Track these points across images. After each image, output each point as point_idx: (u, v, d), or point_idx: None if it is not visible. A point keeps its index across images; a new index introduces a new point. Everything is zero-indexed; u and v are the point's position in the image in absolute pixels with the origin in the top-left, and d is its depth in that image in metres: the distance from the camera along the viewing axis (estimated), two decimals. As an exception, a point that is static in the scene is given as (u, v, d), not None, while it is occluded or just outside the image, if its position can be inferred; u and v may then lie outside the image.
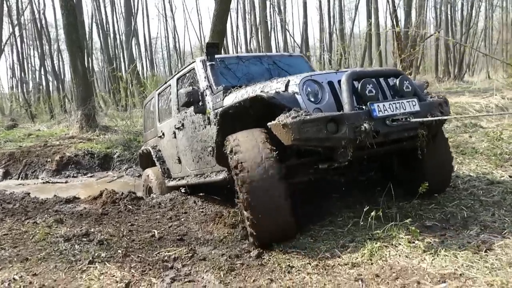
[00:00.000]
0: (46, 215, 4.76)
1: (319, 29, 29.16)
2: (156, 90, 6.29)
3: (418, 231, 3.15)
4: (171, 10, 31.62)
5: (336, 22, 27.04)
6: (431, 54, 27.79)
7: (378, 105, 3.13)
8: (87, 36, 26.21)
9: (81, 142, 11.13)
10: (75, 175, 9.56)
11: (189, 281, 2.89)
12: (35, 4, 27.10)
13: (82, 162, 9.98)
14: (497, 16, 31.75)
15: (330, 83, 3.33)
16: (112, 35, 28.60)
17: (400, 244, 3.03)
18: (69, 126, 15.23)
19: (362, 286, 2.56)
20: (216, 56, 4.67)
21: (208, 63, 4.51)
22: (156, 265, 3.19)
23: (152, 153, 6.03)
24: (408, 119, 3.17)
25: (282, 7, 27.95)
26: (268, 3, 23.61)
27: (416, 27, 17.21)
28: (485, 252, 2.78)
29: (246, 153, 3.14)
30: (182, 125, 4.98)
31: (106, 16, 28.88)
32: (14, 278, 3.10)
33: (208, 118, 4.32)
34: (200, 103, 4.35)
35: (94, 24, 29.30)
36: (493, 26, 32.50)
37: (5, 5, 24.08)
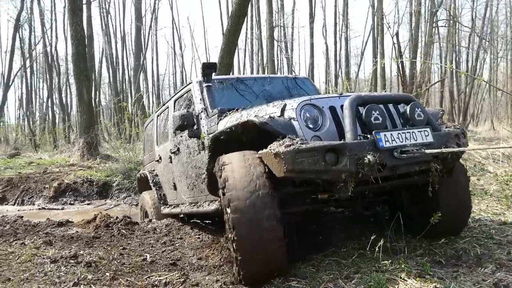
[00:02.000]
0: (35, 237, 4.54)
1: (325, 71, 29.67)
2: (156, 112, 6.12)
3: (429, 265, 2.94)
4: (180, 48, 32.29)
5: (342, 66, 27.52)
6: (435, 103, 28.02)
7: (385, 135, 2.76)
8: (96, 69, 26.73)
9: (81, 169, 10.98)
10: (72, 202, 9.34)
11: (179, 308, 2.66)
12: (47, 37, 27.84)
13: (80, 190, 9.79)
14: (502, 68, 32.29)
15: (332, 109, 2.99)
16: (121, 69, 29.18)
17: (409, 278, 2.80)
18: (71, 155, 15.18)
19: (369, 319, 2.32)
20: (215, 77, 4.44)
21: (204, 85, 4.23)
22: (146, 289, 2.97)
23: (149, 178, 5.81)
24: (420, 151, 2.75)
25: (289, 48, 28.57)
26: (275, 43, 24.13)
27: (422, 73, 17.46)
28: (502, 290, 2.56)
29: (237, 178, 2.79)
30: (178, 149, 4.74)
31: (116, 51, 29.59)
32: (-9, 297, 2.88)
33: (203, 143, 4.04)
34: (195, 127, 4.06)
35: (104, 58, 29.97)
36: (497, 78, 32.96)
37: (17, 37, 24.78)
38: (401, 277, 2.81)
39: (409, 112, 2.99)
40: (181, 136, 4.59)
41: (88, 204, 9.23)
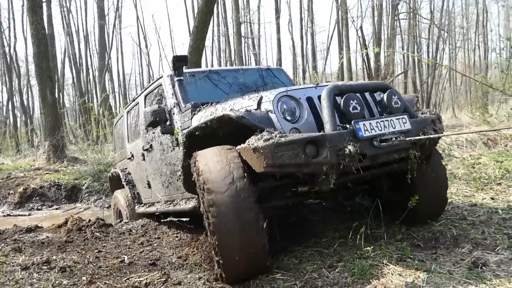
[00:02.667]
0: (2, 244, 4.32)
1: (292, 66, 29.83)
2: (125, 108, 5.90)
3: (409, 249, 2.98)
4: (146, 47, 31.62)
5: (309, 60, 27.74)
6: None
7: (364, 124, 2.71)
8: (59, 70, 25.80)
9: (47, 173, 10.57)
10: (39, 207, 8.97)
11: (163, 307, 2.58)
12: (5, 37, 26.60)
13: (47, 194, 9.42)
14: (460, 58, 33.46)
15: (309, 99, 2.92)
16: (84, 70, 28.25)
17: (391, 262, 2.84)
18: (36, 158, 14.60)
19: (355, 306, 2.33)
20: (186, 70, 4.27)
21: (175, 79, 4.06)
22: (126, 291, 2.87)
23: (121, 176, 5.59)
24: (399, 139, 2.75)
25: (256, 44, 28.54)
26: (243, 39, 24.05)
27: (386, 65, 17.85)
28: (480, 268, 2.63)
29: (214, 173, 2.69)
30: (151, 146, 4.57)
31: (80, 51, 28.61)
32: (-42, 309, 2.70)
33: (177, 139, 3.90)
34: (168, 123, 3.89)
35: (66, 59, 28.95)
36: (456, 68, 34.14)
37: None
38: (383, 263, 2.84)
39: (386, 100, 2.97)
40: (154, 133, 4.44)
41: (56, 208, 8.90)
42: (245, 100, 3.06)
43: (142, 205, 5.24)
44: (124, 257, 3.59)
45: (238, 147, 2.73)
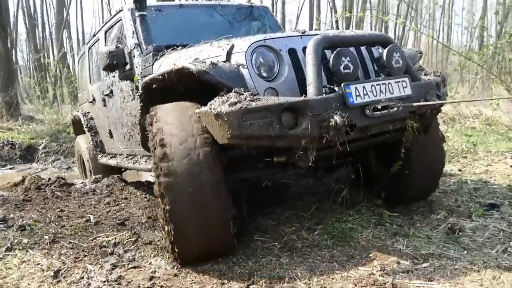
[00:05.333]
0: (-49, 201, 3.98)
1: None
2: (87, 44, 5.23)
3: (387, 214, 2.97)
4: (108, 4, 29.98)
5: (279, 31, 27.37)
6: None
7: (356, 88, 2.24)
8: (11, 24, 24.04)
9: (0, 131, 9.93)
10: (-9, 167, 8.43)
11: (134, 267, 2.44)
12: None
13: (0, 153, 8.85)
14: (424, 39, 34.14)
15: (292, 52, 2.42)
16: (40, 25, 26.48)
17: (369, 226, 2.82)
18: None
19: (337, 267, 2.28)
20: (150, 3, 3.57)
21: (137, 14, 3.36)
22: (93, 251, 2.69)
23: (83, 121, 5.10)
24: (396, 107, 2.32)
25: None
26: None
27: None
28: (457, 234, 2.65)
29: (172, 134, 2.27)
30: (111, 91, 4.04)
31: (35, 4, 26.75)
32: None
33: (137, 87, 3.32)
34: (127, 67, 3.34)
35: (20, 11, 26.97)
36: (420, 48, 34.88)
37: None
38: (362, 226, 2.82)
39: (385, 57, 2.44)
40: (114, 77, 3.88)
41: (10, 168, 8.38)
42: (213, 48, 2.56)
43: (105, 154, 4.88)
44: (89, 217, 3.37)
45: (197, 110, 2.24)
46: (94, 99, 4.82)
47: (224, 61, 2.36)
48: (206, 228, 2.25)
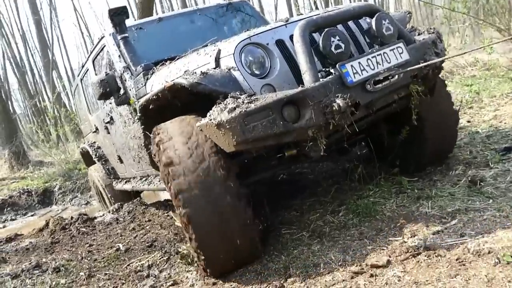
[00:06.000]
0: (-16, 259, 4.06)
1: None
2: (78, 76, 5.19)
3: (406, 180, 2.98)
4: (89, 35, 30.06)
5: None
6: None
7: (352, 65, 2.18)
8: (0, 76, 24.30)
9: (14, 182, 10.06)
10: (13, 217, 8.54)
11: (173, 284, 2.48)
12: None
13: (18, 203, 8.97)
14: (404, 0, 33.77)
15: (280, 43, 2.37)
16: (29, 71, 26.68)
17: (391, 196, 2.83)
18: (-4, 170, 13.88)
19: (368, 242, 2.30)
20: (130, 24, 3.52)
21: (119, 37, 3.32)
22: (129, 277, 2.75)
23: (91, 152, 5.08)
24: (396, 75, 2.27)
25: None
26: None
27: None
28: (479, 185, 2.65)
29: (178, 150, 2.22)
30: (111, 118, 4.02)
31: (19, 52, 26.92)
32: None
33: (135, 110, 3.23)
34: (122, 91, 3.30)
35: (7, 62, 27.20)
36: (402, 8, 34.49)
37: None
38: (384, 198, 2.83)
39: (375, 27, 2.35)
40: (111, 103, 3.84)
41: (32, 215, 8.50)
42: (201, 57, 2.51)
43: (119, 180, 4.87)
44: (119, 245, 3.43)
45: (198, 124, 2.17)
46: (97, 129, 4.82)
47: (214, 68, 2.31)
48: (228, 238, 2.21)
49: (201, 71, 2.22)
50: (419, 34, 2.72)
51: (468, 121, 4.60)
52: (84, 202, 8.29)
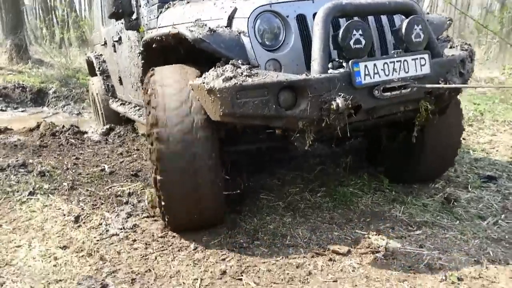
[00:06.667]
0: (-28, 144, 4.17)
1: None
2: None
3: (387, 180, 3.11)
4: None
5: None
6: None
7: (366, 66, 2.04)
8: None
9: (10, 73, 9.98)
10: (3, 108, 8.55)
11: (148, 217, 2.63)
12: None
13: (11, 95, 8.96)
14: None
15: (301, 18, 2.21)
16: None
17: (369, 192, 2.97)
18: (-5, 56, 13.70)
19: (336, 228, 2.46)
20: None
21: None
22: (109, 199, 2.89)
23: (95, 64, 4.99)
24: (409, 87, 2.12)
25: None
26: None
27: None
28: (452, 204, 2.80)
29: (167, 98, 2.16)
30: (120, 38, 3.89)
31: None
32: None
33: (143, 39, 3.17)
34: (134, 16, 3.15)
35: None
36: (438, 4, 33.61)
37: None
38: (363, 191, 2.97)
39: (404, 30, 2.16)
40: (122, 23, 3.66)
41: (22, 111, 8.53)
42: (217, 9, 2.36)
43: (116, 100, 4.84)
44: (104, 166, 3.56)
45: (190, 82, 2.11)
46: (105, 43, 4.72)
47: (226, 26, 2.20)
48: (195, 202, 2.20)
49: (209, 27, 2.11)
50: (451, 47, 2.58)
51: (463, 139, 4.71)
52: (76, 112, 8.31)
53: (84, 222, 2.56)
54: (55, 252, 2.19)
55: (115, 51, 4.31)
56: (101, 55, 5.15)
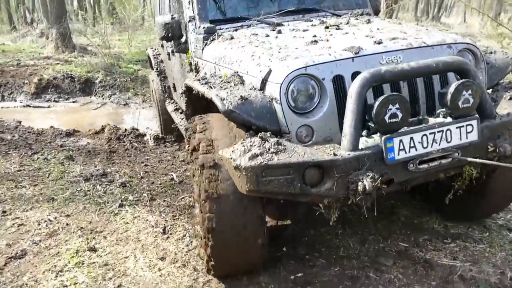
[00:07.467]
0: (53, 151, 4.78)
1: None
2: None
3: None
4: None
5: None
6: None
7: (401, 141, 1.92)
8: None
9: (58, 63, 10.61)
10: (56, 99, 9.24)
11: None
12: None
13: (62, 86, 9.61)
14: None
15: (338, 79, 2.12)
16: None
17: (408, 201, 3.39)
18: (37, 41, 14.39)
19: (381, 240, 2.92)
20: None
21: None
22: (185, 210, 3.41)
23: (153, 63, 5.03)
24: (449, 158, 2.01)
25: None
26: None
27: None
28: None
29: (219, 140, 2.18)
30: (173, 51, 3.87)
31: None
32: (49, 219, 3.26)
33: (190, 64, 3.26)
34: (183, 39, 3.23)
35: None
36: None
37: None
38: (402, 201, 3.39)
39: (451, 96, 1.99)
40: None
41: (73, 102, 9.19)
42: (253, 64, 2.30)
43: (172, 101, 4.84)
44: (172, 175, 4.10)
45: (220, 152, 2.06)
46: (162, 45, 4.67)
47: (259, 89, 2.18)
48: (243, 251, 2.29)
49: (241, 96, 2.08)
50: (510, 99, 2.40)
51: None
52: (123, 102, 8.90)
53: (171, 234, 3.10)
54: (157, 263, 2.74)
55: (169, 59, 4.43)
56: (159, 54, 5.22)
